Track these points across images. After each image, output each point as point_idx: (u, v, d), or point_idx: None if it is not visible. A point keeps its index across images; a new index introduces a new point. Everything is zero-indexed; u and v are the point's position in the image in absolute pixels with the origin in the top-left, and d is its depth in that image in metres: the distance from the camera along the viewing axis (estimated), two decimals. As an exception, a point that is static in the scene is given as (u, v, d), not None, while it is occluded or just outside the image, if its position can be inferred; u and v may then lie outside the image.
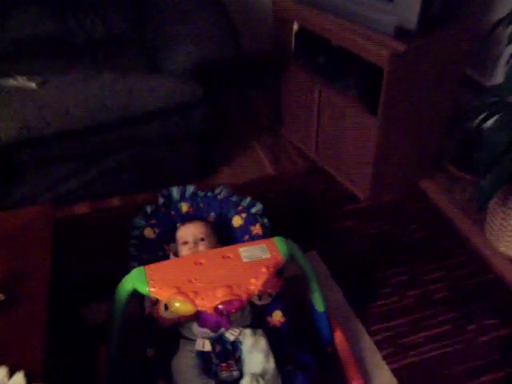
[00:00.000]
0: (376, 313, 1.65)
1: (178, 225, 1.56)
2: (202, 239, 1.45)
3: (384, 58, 1.65)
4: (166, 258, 1.49)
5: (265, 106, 2.60)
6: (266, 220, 1.58)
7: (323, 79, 2.01)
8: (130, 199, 2.10)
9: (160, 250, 1.53)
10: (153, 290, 1.15)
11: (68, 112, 1.77)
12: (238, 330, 1.31)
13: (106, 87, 1.81)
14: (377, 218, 1.99)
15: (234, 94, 2.66)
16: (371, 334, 1.59)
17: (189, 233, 1.47)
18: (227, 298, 1.12)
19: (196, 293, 1.12)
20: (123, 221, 1.58)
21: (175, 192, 1.62)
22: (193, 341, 1.31)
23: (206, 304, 1.12)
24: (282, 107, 2.34)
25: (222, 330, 1.31)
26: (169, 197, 1.62)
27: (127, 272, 1.20)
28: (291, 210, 2.03)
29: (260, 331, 1.32)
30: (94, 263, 1.79)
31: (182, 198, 1.63)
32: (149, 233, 1.53)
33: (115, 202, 2.11)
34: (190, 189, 1.63)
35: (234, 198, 1.63)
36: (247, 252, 1.22)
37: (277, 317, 1.42)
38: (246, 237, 1.55)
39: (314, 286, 1.38)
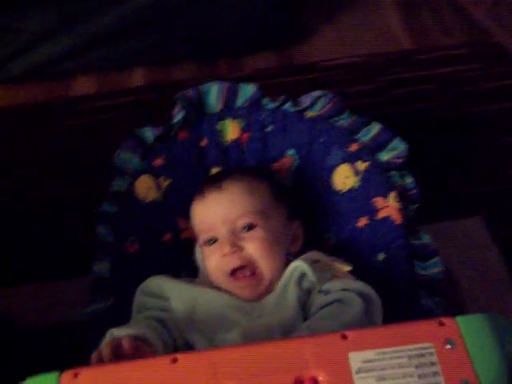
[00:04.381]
0: None
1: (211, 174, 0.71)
2: (251, 227, 0.60)
3: None
4: (180, 249, 0.67)
5: None
6: (410, 180, 0.68)
7: None
8: (160, 73, 1.28)
9: (169, 229, 0.70)
10: None
11: None
12: None
13: None
14: None
15: None
16: None
17: (214, 215, 0.61)
18: None
19: None
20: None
21: (213, 94, 0.72)
22: None
23: None
24: None
25: None
26: (198, 105, 0.73)
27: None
28: (439, 131, 1.09)
29: None
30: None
31: (228, 109, 0.73)
32: (146, 188, 0.69)
33: (135, 77, 1.28)
34: (248, 90, 0.72)
35: (345, 120, 0.71)
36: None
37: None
38: (362, 221, 0.67)
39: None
